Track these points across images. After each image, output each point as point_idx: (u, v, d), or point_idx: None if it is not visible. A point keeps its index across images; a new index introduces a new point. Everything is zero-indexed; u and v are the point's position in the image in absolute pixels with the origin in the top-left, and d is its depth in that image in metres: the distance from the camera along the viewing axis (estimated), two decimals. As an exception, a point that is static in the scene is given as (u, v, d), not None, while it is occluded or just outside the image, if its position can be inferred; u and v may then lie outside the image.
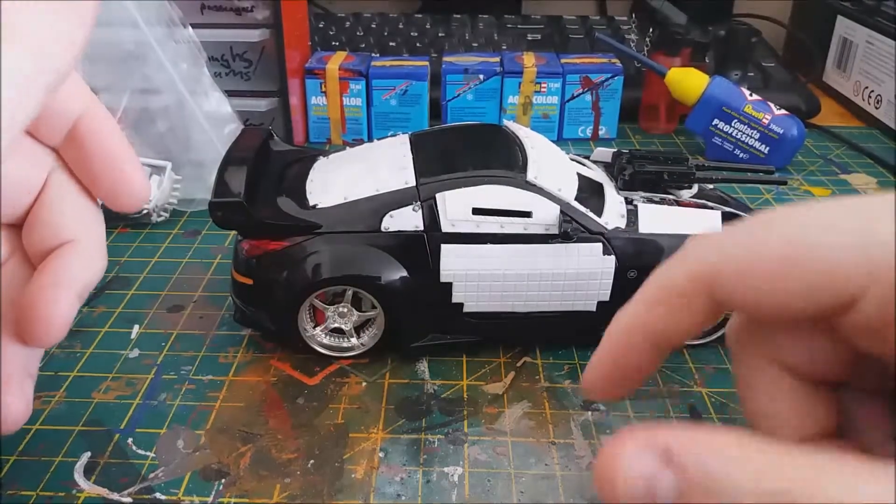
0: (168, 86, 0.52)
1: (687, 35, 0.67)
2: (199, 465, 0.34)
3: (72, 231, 0.29)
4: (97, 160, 0.29)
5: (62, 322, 0.27)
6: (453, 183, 0.38)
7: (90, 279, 0.28)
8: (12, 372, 0.28)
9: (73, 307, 0.27)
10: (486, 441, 0.35)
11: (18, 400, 0.28)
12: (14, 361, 0.28)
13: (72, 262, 0.28)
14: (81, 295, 0.28)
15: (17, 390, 0.28)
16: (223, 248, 0.51)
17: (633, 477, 0.19)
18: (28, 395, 0.28)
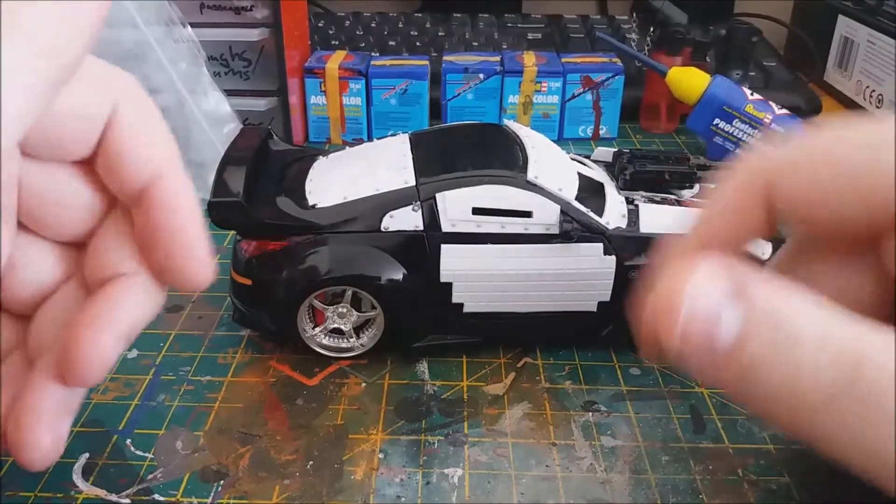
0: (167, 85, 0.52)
1: (688, 34, 0.67)
2: (197, 466, 0.34)
3: (130, 265, 0.26)
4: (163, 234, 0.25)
5: (100, 366, 0.25)
6: (453, 183, 0.37)
7: (141, 318, 0.26)
8: (48, 408, 0.26)
9: (113, 350, 0.25)
10: (487, 442, 0.35)
11: (46, 438, 0.25)
12: (52, 395, 0.26)
13: (122, 300, 0.26)
14: (129, 335, 0.26)
15: (48, 427, 0.26)
16: (222, 248, 0.51)
17: (702, 299, 0.18)
18: (61, 433, 0.26)
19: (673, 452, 0.34)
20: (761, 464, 0.34)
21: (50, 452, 0.26)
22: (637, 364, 0.40)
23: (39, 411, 0.26)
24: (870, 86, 0.74)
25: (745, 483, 0.33)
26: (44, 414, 0.26)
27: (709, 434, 0.36)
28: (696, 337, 0.19)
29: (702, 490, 0.32)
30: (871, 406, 0.17)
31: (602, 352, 0.41)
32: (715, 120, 0.63)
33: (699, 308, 0.19)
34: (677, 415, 0.37)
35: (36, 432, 0.26)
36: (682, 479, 0.33)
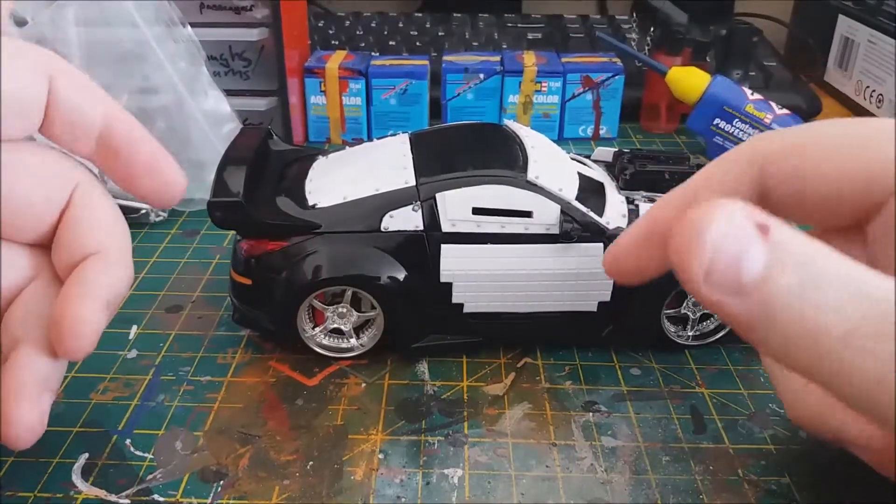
0: (167, 85, 0.52)
1: (688, 34, 0.67)
2: (197, 466, 0.33)
3: (97, 243, 0.29)
4: (132, 163, 0.30)
5: (90, 331, 0.27)
6: (453, 182, 0.37)
7: (117, 288, 0.29)
8: (29, 382, 0.27)
9: (99, 315, 0.28)
10: (487, 442, 0.35)
11: (31, 411, 0.27)
12: (33, 373, 0.28)
13: (97, 271, 0.28)
14: (111, 304, 0.28)
15: (31, 401, 0.27)
16: (222, 248, 0.51)
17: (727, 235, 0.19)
18: (43, 408, 0.28)
19: (673, 453, 0.34)
20: (761, 464, 0.34)
21: (35, 426, 0.27)
22: (637, 364, 0.40)
23: (22, 387, 0.27)
24: (870, 86, 0.74)
25: (746, 483, 0.33)
26: (26, 389, 0.27)
27: (709, 434, 0.35)
28: (722, 271, 0.19)
29: (702, 490, 0.32)
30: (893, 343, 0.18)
31: (602, 352, 0.41)
32: (715, 120, 0.63)
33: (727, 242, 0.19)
34: (677, 415, 0.37)
35: (21, 407, 0.27)
36: (683, 479, 0.33)
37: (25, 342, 0.28)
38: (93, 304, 0.28)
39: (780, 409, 0.37)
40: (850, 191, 0.24)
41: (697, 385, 0.39)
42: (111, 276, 0.29)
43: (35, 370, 0.28)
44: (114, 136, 0.29)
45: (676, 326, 0.41)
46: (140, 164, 0.30)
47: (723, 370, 0.40)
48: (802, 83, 0.75)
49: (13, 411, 0.27)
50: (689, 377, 0.39)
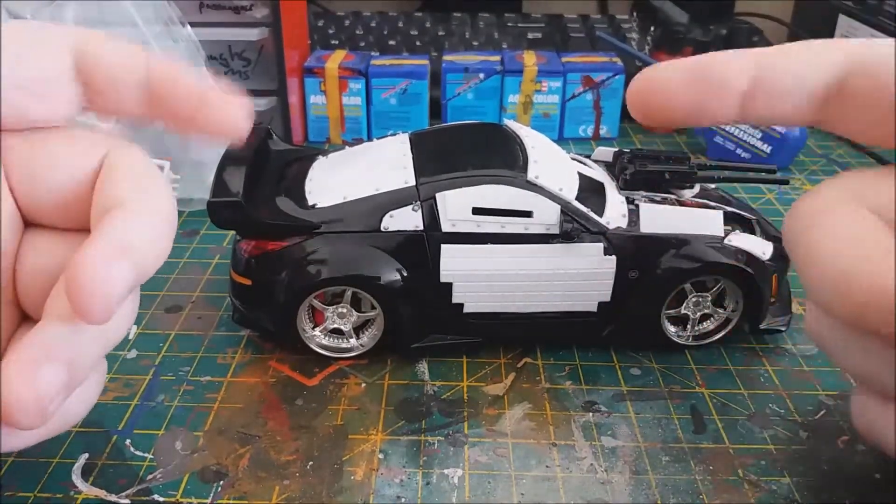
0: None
1: (688, 34, 0.67)
2: (197, 466, 0.33)
3: (117, 197, 0.26)
4: (189, 106, 0.28)
5: (99, 279, 0.23)
6: (453, 182, 0.37)
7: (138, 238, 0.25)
8: (27, 350, 0.24)
9: (111, 264, 0.23)
10: (487, 442, 0.35)
11: (25, 381, 0.23)
12: (35, 340, 0.24)
13: (113, 220, 0.25)
14: (129, 254, 0.24)
15: (26, 370, 0.23)
16: (222, 248, 0.51)
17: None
18: (46, 381, 0.24)
19: (673, 453, 0.34)
20: (761, 464, 0.34)
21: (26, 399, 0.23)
22: (637, 364, 0.40)
23: (20, 351, 0.24)
24: (870, 85, 0.73)
25: (745, 483, 0.33)
26: (19, 356, 0.24)
27: (709, 434, 0.35)
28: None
29: (702, 490, 0.32)
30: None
31: (602, 352, 0.41)
32: (715, 119, 0.63)
33: None
34: (677, 415, 0.37)
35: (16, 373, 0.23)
36: (683, 479, 0.33)
37: (43, 317, 0.25)
38: (100, 246, 0.24)
39: (780, 409, 0.37)
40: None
41: (697, 385, 0.39)
42: (128, 223, 0.25)
43: (38, 337, 0.24)
44: (156, 84, 0.28)
45: (676, 326, 0.41)
46: (192, 101, 0.28)
47: (723, 370, 0.40)
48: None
49: (4, 376, 0.23)
50: (689, 377, 0.39)
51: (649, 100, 0.26)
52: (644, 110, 0.26)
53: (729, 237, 0.39)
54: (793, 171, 0.63)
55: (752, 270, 0.38)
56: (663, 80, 0.25)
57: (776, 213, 0.56)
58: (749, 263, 0.38)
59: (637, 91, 0.26)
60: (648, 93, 0.26)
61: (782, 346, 0.42)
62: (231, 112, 0.28)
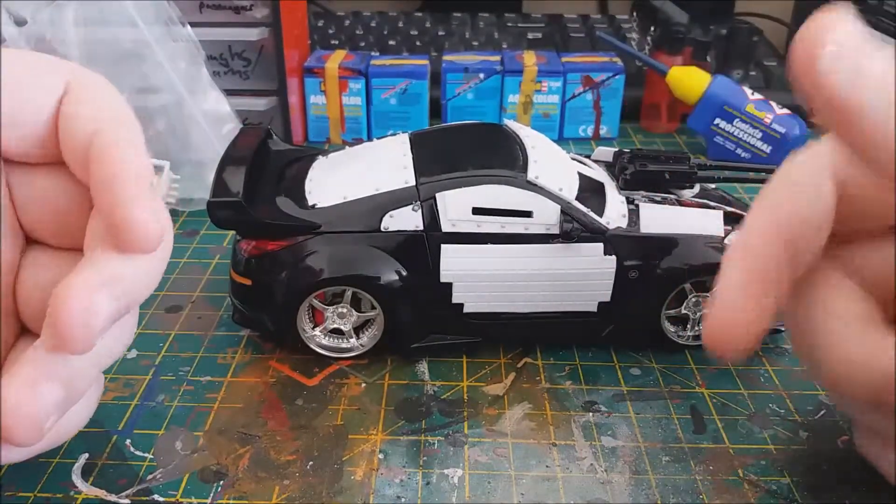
0: (166, 85, 0.52)
1: (688, 34, 0.67)
2: (197, 466, 0.33)
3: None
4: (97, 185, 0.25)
5: (82, 316, 0.23)
6: (453, 182, 0.37)
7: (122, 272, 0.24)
8: (25, 368, 0.24)
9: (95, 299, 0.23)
10: (487, 442, 0.35)
11: (23, 399, 0.23)
12: (33, 358, 0.24)
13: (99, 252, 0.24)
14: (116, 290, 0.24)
15: (23, 388, 0.23)
16: (222, 248, 0.51)
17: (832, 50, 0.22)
18: (43, 400, 0.24)
19: (673, 452, 0.34)
20: (761, 464, 0.34)
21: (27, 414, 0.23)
22: (637, 364, 0.40)
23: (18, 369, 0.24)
24: (870, 85, 0.73)
25: (745, 483, 0.33)
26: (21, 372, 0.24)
27: (709, 434, 0.35)
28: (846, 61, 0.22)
29: (702, 490, 0.32)
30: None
31: (602, 352, 0.41)
32: (716, 119, 0.63)
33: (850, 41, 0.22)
34: (678, 415, 0.37)
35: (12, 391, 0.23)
36: (683, 479, 0.33)
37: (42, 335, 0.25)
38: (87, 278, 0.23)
39: (780, 409, 0.37)
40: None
41: (697, 385, 0.39)
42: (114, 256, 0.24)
43: (34, 355, 0.24)
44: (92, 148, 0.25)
45: (676, 326, 0.41)
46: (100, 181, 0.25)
47: (723, 370, 0.40)
48: (803, 83, 0.75)
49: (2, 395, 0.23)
50: (689, 377, 0.39)
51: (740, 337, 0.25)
52: (739, 349, 0.25)
53: (729, 237, 0.39)
54: (793, 171, 0.63)
55: (752, 270, 0.38)
56: (733, 320, 0.25)
57: (776, 213, 0.56)
58: (749, 263, 0.38)
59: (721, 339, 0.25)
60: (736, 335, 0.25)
61: (782, 346, 0.42)
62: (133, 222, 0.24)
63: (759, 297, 0.25)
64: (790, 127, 0.61)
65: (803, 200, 0.26)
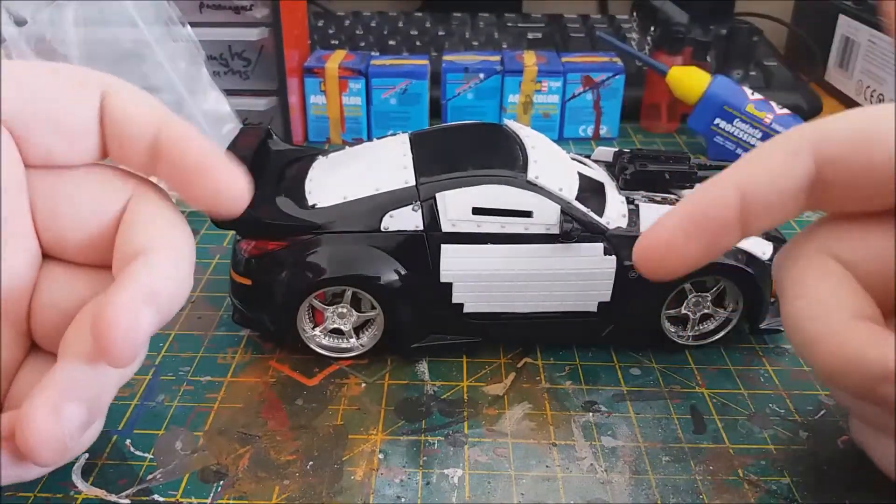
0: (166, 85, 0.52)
1: (688, 34, 0.67)
2: (197, 466, 0.33)
3: (144, 243, 0.27)
4: (187, 171, 0.28)
5: (124, 326, 0.24)
6: (453, 182, 0.37)
7: (162, 285, 0.26)
8: (48, 387, 0.24)
9: (137, 311, 0.24)
10: (487, 442, 0.35)
11: (46, 420, 0.24)
12: (56, 378, 0.25)
13: (138, 265, 0.26)
14: (153, 302, 0.25)
15: (47, 409, 0.24)
16: (222, 247, 0.51)
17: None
18: (66, 420, 0.24)
19: (673, 452, 0.34)
20: (761, 464, 0.34)
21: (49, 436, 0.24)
22: (637, 364, 0.40)
23: (38, 391, 0.24)
24: (871, 86, 0.74)
25: (745, 483, 0.33)
26: (42, 393, 0.24)
27: (709, 434, 0.35)
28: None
29: (702, 490, 0.32)
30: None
31: (602, 352, 0.41)
32: (716, 120, 0.63)
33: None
34: (678, 415, 0.37)
35: (33, 412, 0.24)
36: (683, 479, 0.33)
37: (65, 354, 0.26)
38: (128, 294, 0.24)
39: (780, 409, 0.37)
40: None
41: (697, 385, 0.39)
42: (153, 269, 0.26)
43: (59, 375, 0.25)
44: (163, 143, 0.28)
45: (676, 326, 0.41)
46: (190, 166, 0.27)
47: (723, 370, 0.40)
48: (803, 83, 0.75)
49: (25, 415, 0.24)
50: (689, 377, 0.39)
51: (661, 266, 0.27)
52: (658, 273, 0.27)
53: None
54: (793, 171, 0.63)
55: (752, 270, 0.38)
56: (666, 244, 0.26)
57: (776, 213, 0.56)
58: (749, 263, 0.38)
59: (645, 259, 0.27)
60: (658, 260, 0.27)
61: (782, 346, 0.42)
62: (230, 185, 0.28)
63: (690, 235, 0.26)
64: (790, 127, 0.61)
65: (774, 163, 0.26)
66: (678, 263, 0.26)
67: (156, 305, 0.25)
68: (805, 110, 0.70)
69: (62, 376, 0.25)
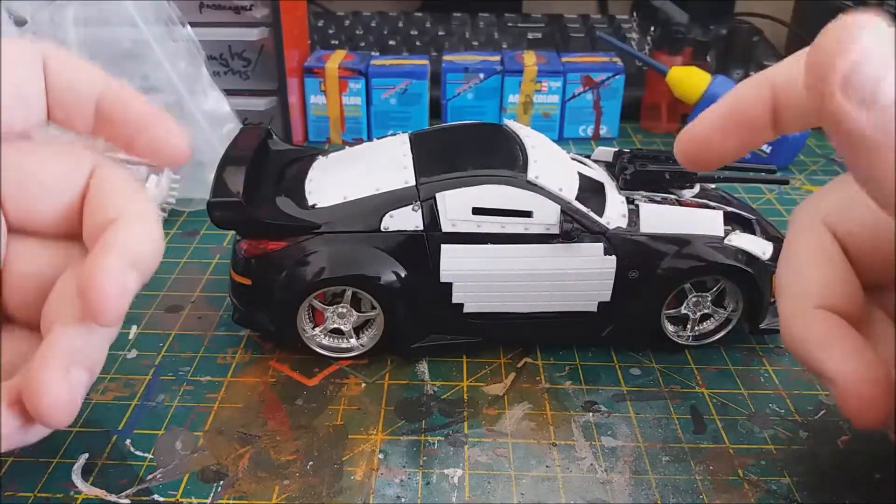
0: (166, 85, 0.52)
1: (688, 34, 0.67)
2: (197, 466, 0.33)
3: (115, 210, 0.28)
4: (128, 125, 0.29)
5: (113, 285, 0.26)
6: (453, 182, 0.37)
7: (140, 244, 0.28)
8: (55, 352, 0.26)
9: (124, 274, 0.26)
10: (487, 442, 0.35)
11: (57, 382, 0.26)
12: (59, 344, 0.26)
13: (115, 230, 0.27)
14: (137, 264, 0.27)
15: (57, 371, 0.26)
16: (222, 248, 0.51)
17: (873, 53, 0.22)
18: (72, 381, 0.26)
19: (673, 452, 0.34)
20: (761, 464, 0.34)
21: (62, 398, 0.26)
22: (637, 364, 0.40)
23: (46, 358, 0.26)
24: (870, 85, 0.73)
25: (746, 483, 0.33)
26: (51, 359, 0.26)
27: (709, 434, 0.35)
28: (861, 84, 0.22)
29: (702, 490, 0.32)
30: None
31: (602, 352, 0.41)
32: (715, 119, 0.63)
33: (872, 60, 0.22)
34: (677, 415, 0.37)
35: (46, 376, 0.26)
36: (683, 479, 0.33)
37: (56, 321, 0.27)
38: (113, 258, 0.26)
39: (780, 409, 0.37)
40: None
41: (697, 385, 0.39)
42: (131, 233, 0.27)
43: (61, 341, 0.26)
44: (106, 104, 0.29)
45: (676, 326, 0.41)
46: (132, 122, 0.29)
47: (723, 370, 0.40)
48: (802, 83, 0.75)
49: (37, 381, 0.25)
50: (689, 377, 0.39)
51: (701, 158, 0.28)
52: (699, 165, 0.28)
53: (729, 237, 0.39)
54: (793, 171, 0.63)
55: (752, 270, 0.38)
56: (705, 139, 0.28)
57: (776, 213, 0.56)
58: (749, 263, 0.38)
59: (686, 153, 0.28)
60: (698, 153, 0.28)
61: (782, 346, 0.41)
62: (170, 137, 0.30)
63: (728, 131, 0.27)
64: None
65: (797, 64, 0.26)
66: (716, 157, 0.28)
67: (139, 267, 0.27)
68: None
69: (65, 342, 0.26)
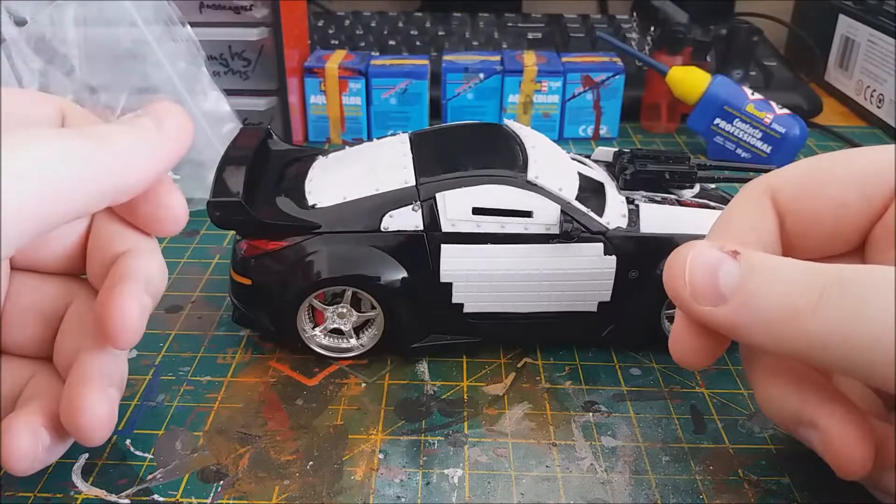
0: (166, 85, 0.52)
1: (688, 34, 0.67)
2: (197, 466, 0.33)
3: (124, 244, 0.30)
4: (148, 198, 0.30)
5: (131, 311, 0.27)
6: (453, 182, 0.37)
7: (152, 273, 0.29)
8: (94, 373, 0.28)
9: (139, 299, 0.28)
10: (487, 442, 0.35)
11: (99, 399, 0.27)
12: (95, 366, 0.28)
13: (129, 261, 0.29)
14: (150, 290, 0.29)
15: (98, 390, 0.28)
16: (222, 248, 0.51)
17: (700, 257, 0.26)
18: (111, 399, 0.28)
19: (673, 452, 0.34)
20: (761, 464, 0.34)
21: (104, 416, 0.27)
22: (637, 364, 0.40)
23: (86, 378, 0.28)
24: (870, 85, 0.74)
25: (746, 483, 0.33)
26: (91, 378, 0.28)
27: (709, 434, 0.35)
28: (702, 286, 0.25)
29: (702, 490, 0.32)
30: (856, 301, 0.22)
31: (602, 352, 0.41)
32: (716, 120, 0.63)
33: (701, 263, 0.26)
34: (677, 415, 0.37)
35: (89, 394, 0.27)
36: (683, 479, 0.33)
37: (81, 349, 0.29)
38: (131, 286, 0.28)
39: (780, 409, 0.37)
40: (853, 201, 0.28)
41: (697, 385, 0.39)
42: (143, 263, 0.29)
43: (97, 364, 0.28)
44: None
45: (676, 326, 0.41)
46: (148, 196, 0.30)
47: (723, 370, 0.40)
48: (803, 83, 0.75)
49: (80, 400, 0.27)
50: (689, 377, 0.39)
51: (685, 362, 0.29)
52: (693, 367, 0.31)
53: (729, 237, 0.39)
54: (793, 171, 0.63)
55: (752, 270, 0.38)
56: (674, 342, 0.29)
57: (776, 213, 0.56)
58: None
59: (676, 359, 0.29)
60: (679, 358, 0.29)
61: (782, 346, 0.41)
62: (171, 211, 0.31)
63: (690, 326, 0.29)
64: (790, 127, 0.61)
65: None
66: (692, 356, 0.29)
67: (151, 293, 0.29)
68: (805, 110, 0.70)
69: (97, 365, 0.28)
